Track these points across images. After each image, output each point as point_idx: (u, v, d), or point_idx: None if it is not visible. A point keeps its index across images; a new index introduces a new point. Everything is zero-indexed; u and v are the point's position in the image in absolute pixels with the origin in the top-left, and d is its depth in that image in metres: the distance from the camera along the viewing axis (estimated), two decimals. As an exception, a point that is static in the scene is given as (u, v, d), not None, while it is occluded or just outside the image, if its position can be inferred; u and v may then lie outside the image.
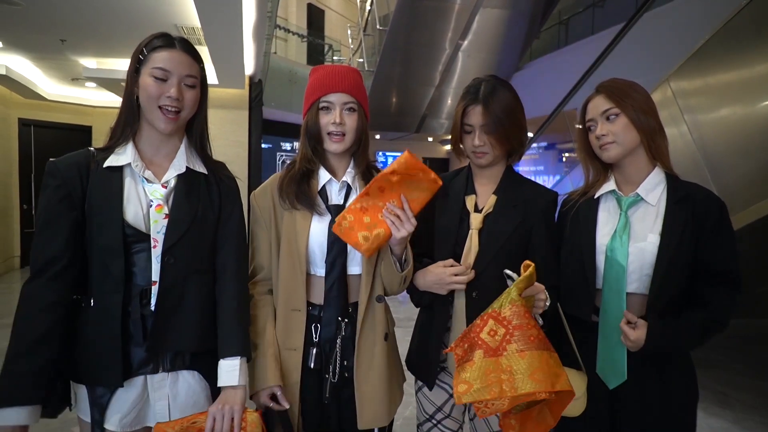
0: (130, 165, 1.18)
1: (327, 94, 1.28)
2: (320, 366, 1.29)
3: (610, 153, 1.31)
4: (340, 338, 1.29)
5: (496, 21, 6.82)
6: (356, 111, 1.30)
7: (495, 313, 1.12)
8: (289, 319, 1.30)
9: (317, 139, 1.31)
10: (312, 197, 1.31)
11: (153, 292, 1.16)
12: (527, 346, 1.09)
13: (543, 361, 1.08)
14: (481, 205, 1.40)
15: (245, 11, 3.96)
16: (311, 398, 1.29)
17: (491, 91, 1.34)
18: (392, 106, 8.90)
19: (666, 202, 1.28)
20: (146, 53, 1.17)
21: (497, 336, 1.10)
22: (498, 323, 1.11)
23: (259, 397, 1.25)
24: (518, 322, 1.10)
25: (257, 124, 6.90)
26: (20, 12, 4.01)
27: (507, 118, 1.33)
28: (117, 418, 1.15)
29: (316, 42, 13.34)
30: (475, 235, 1.35)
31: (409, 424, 2.76)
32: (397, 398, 1.38)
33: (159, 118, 1.17)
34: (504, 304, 1.12)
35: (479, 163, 1.39)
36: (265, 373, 1.24)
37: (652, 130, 1.29)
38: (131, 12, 4.03)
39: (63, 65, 5.86)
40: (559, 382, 1.07)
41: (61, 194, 1.13)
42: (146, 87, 1.15)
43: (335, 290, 1.29)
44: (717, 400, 3.12)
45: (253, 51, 5.43)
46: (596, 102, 1.34)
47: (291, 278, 1.29)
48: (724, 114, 2.77)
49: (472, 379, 1.09)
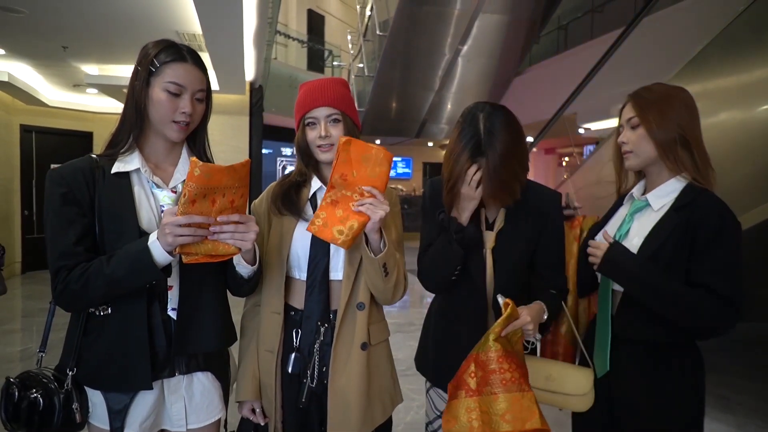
0: (137, 171, 1.19)
1: (310, 110, 1.30)
2: (299, 371, 1.29)
3: (629, 162, 1.33)
4: (319, 344, 1.29)
5: (496, 26, 6.84)
6: (341, 121, 1.31)
7: (475, 355, 1.22)
8: (269, 322, 1.32)
9: (308, 154, 1.35)
10: (298, 204, 1.34)
11: (170, 297, 1.19)
12: (500, 389, 1.19)
13: (514, 403, 1.18)
14: (491, 218, 1.38)
15: (246, 17, 3.98)
16: (291, 403, 1.31)
17: (488, 139, 1.22)
18: (392, 111, 8.92)
19: (668, 209, 1.27)
20: (158, 65, 1.16)
21: (476, 378, 1.20)
22: (477, 366, 1.21)
23: (241, 407, 1.35)
24: (493, 367, 1.20)
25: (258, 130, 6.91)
26: (23, 19, 4.04)
27: (504, 168, 1.22)
28: (137, 423, 1.17)
29: (316, 47, 13.39)
30: (489, 256, 1.35)
31: (411, 429, 2.76)
32: (378, 411, 1.32)
33: (172, 130, 1.18)
34: (481, 348, 1.21)
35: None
36: (247, 387, 1.32)
37: (669, 143, 1.24)
38: (133, 19, 4.05)
39: (65, 72, 5.89)
40: (530, 421, 1.17)
41: (69, 201, 1.12)
42: (161, 102, 1.16)
43: (316, 295, 1.29)
44: (718, 404, 3.12)
45: (254, 57, 5.46)
46: (626, 109, 1.34)
47: (271, 281, 1.32)
48: (722, 118, 2.78)
49: (456, 416, 1.20)
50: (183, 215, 1.00)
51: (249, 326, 1.38)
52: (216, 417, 1.28)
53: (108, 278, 1.07)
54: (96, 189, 1.14)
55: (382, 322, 1.39)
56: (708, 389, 1.36)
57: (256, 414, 1.33)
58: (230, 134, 6.69)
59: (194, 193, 0.99)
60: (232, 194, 1.04)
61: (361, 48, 9.60)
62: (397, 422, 2.79)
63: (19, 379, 1.17)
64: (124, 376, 1.14)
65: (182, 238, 1.02)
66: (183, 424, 1.23)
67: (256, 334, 1.35)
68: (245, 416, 1.35)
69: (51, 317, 1.26)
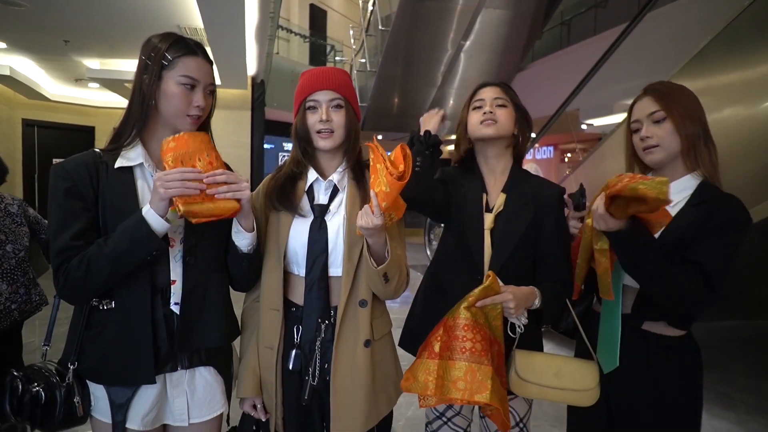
0: (140, 165, 1.18)
1: (312, 93, 1.27)
2: (300, 368, 1.28)
3: (653, 156, 1.28)
4: (320, 340, 1.27)
5: (499, 21, 6.82)
6: (343, 107, 1.28)
7: (445, 320, 1.23)
8: (268, 318, 1.31)
9: (306, 140, 1.31)
10: (294, 199, 1.31)
11: (173, 291, 1.19)
12: (459, 356, 1.20)
13: (468, 372, 1.18)
14: (492, 203, 1.41)
15: (248, 12, 3.97)
16: (292, 400, 1.30)
17: (503, 82, 1.45)
18: (394, 107, 8.90)
19: (684, 205, 1.25)
20: (171, 59, 1.15)
21: (440, 341, 1.21)
22: (444, 330, 1.22)
23: (242, 403, 1.34)
24: (458, 333, 1.21)
25: (259, 125, 6.91)
26: (24, 13, 4.03)
27: (516, 97, 1.43)
28: (139, 416, 1.17)
29: (318, 42, 13.36)
30: (488, 236, 1.36)
31: (412, 425, 2.76)
32: (383, 406, 1.32)
33: (186, 123, 1.18)
34: (452, 314, 1.22)
35: (486, 132, 1.38)
36: (247, 384, 1.31)
37: (695, 138, 1.24)
38: (134, 13, 4.04)
39: (66, 66, 5.88)
40: (480, 394, 1.16)
41: (73, 195, 1.11)
42: (174, 95, 1.15)
43: (315, 291, 1.27)
44: (720, 402, 3.12)
45: (256, 52, 5.45)
46: (643, 103, 1.30)
47: (270, 277, 1.30)
48: (726, 115, 2.77)
49: (415, 375, 1.22)
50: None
51: (249, 322, 1.37)
52: (218, 412, 1.28)
53: (109, 257, 1.07)
54: (100, 183, 1.14)
55: (384, 314, 1.38)
56: (710, 387, 1.36)
57: (257, 410, 1.32)
58: (232, 129, 6.68)
59: (171, 161, 1.09)
60: (206, 157, 1.14)
61: (363, 43, 9.59)
62: (398, 417, 2.80)
63: (23, 372, 1.17)
64: (127, 370, 1.15)
65: (173, 190, 1.05)
66: (185, 419, 1.23)
67: (256, 330, 1.35)
68: (246, 412, 1.35)
69: (56, 311, 1.27)
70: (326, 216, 1.30)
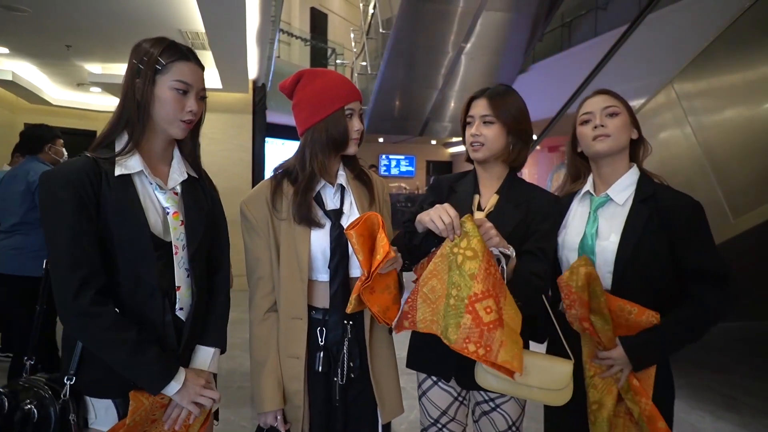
0: (139, 173, 1.16)
1: (350, 102, 1.31)
2: (327, 369, 1.30)
3: (603, 144, 1.35)
4: (347, 340, 1.30)
5: (499, 24, 6.83)
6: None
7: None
8: (291, 328, 1.30)
9: (342, 143, 1.31)
10: (313, 216, 1.30)
11: (178, 297, 1.18)
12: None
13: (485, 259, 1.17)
14: (484, 204, 1.43)
15: (249, 16, 3.97)
16: (318, 402, 1.31)
17: (498, 90, 1.42)
18: (395, 110, 8.92)
19: (632, 201, 1.33)
20: (164, 63, 1.14)
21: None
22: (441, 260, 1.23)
23: (265, 417, 1.30)
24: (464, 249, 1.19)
25: (261, 128, 6.91)
26: (26, 18, 4.05)
27: (508, 113, 1.38)
28: None
29: (319, 46, 13.38)
30: None
31: (413, 428, 2.75)
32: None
33: (179, 128, 1.18)
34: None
35: (475, 156, 1.42)
36: (273, 398, 1.28)
37: (640, 134, 1.40)
38: (136, 18, 4.05)
39: (68, 71, 5.90)
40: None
41: (79, 207, 1.06)
42: (168, 100, 1.14)
43: (340, 294, 1.29)
44: (725, 404, 3.10)
45: (257, 55, 5.45)
46: (597, 99, 1.40)
47: (291, 287, 1.29)
48: (728, 116, 2.76)
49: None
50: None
51: (261, 335, 1.32)
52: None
53: (120, 362, 1.07)
54: (101, 190, 1.09)
55: None
56: (714, 389, 1.37)
57: (278, 421, 1.30)
58: (233, 132, 6.67)
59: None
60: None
61: (364, 46, 9.60)
62: (400, 420, 2.79)
63: (9, 389, 1.10)
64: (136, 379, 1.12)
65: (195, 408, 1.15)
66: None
67: (274, 342, 1.32)
68: (269, 424, 1.30)
69: (38, 320, 1.21)
70: (342, 219, 1.32)
